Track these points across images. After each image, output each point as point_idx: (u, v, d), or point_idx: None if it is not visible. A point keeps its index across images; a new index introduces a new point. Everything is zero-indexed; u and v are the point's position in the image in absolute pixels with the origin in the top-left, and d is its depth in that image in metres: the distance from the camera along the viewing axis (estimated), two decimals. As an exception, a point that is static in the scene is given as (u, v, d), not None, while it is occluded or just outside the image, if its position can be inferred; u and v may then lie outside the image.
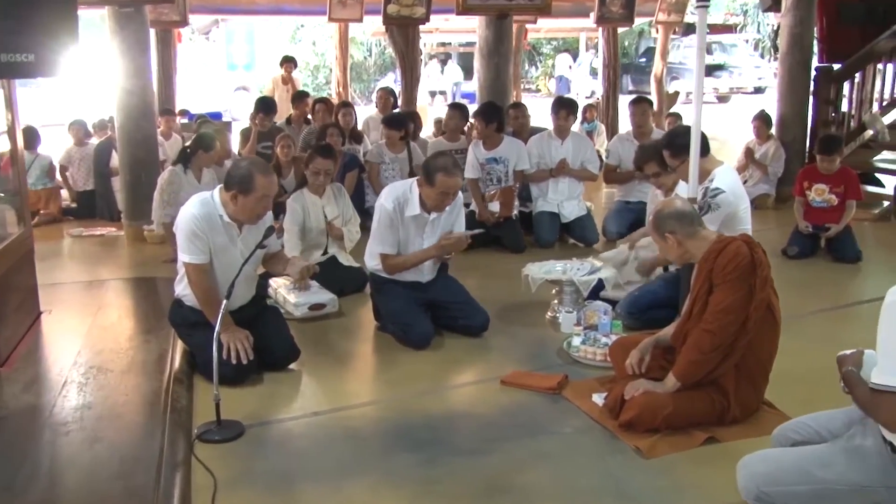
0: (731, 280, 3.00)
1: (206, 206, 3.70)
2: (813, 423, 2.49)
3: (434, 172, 4.15)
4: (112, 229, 7.35)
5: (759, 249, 3.11)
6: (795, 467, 2.30)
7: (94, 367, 3.80)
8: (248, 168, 3.65)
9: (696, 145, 3.99)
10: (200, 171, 6.24)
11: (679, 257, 3.31)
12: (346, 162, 6.90)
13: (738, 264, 3.01)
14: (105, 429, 3.16)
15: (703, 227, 3.31)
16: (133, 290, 5.57)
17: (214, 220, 3.69)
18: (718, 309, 3.01)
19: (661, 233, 3.25)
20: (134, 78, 6.63)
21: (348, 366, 4.15)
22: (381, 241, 4.32)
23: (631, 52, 26.72)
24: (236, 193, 3.61)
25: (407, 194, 4.30)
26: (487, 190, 6.53)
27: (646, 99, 7.06)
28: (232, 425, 3.24)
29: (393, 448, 3.13)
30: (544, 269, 4.69)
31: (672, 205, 3.32)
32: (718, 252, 3.07)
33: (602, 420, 3.27)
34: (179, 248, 3.71)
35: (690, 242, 3.21)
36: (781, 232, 6.50)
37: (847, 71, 8.54)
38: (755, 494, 2.33)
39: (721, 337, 3.01)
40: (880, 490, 2.18)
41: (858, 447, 2.25)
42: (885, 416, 2.12)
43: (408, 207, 4.27)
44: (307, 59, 24.24)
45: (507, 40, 8.48)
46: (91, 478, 2.80)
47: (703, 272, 3.11)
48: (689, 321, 3.17)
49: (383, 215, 4.28)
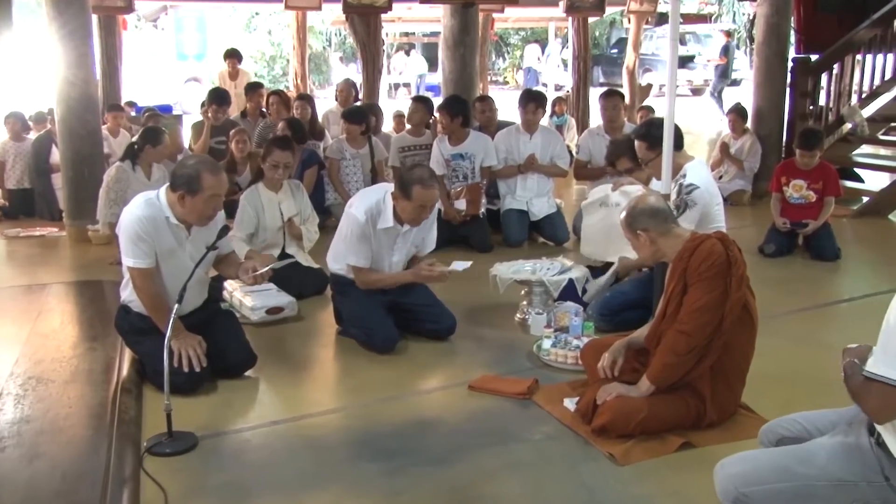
0: (706, 279, 3.04)
1: (150, 206, 3.63)
2: (802, 421, 2.52)
3: (410, 185, 4.09)
4: (53, 229, 7.24)
5: (734, 247, 3.15)
6: (774, 465, 2.33)
7: (33, 378, 3.73)
8: (196, 167, 3.59)
9: (668, 140, 4.05)
10: (150, 167, 6.18)
11: (651, 256, 3.34)
12: (304, 158, 6.87)
13: (713, 263, 3.05)
14: (46, 444, 3.10)
15: (676, 224, 3.34)
16: (77, 294, 5.49)
17: (160, 222, 3.63)
18: (693, 309, 3.05)
19: (634, 230, 3.28)
20: (75, 67, 6.52)
21: (308, 372, 4.13)
22: (355, 253, 4.27)
23: (602, 42, 26.97)
24: (184, 194, 3.56)
25: (380, 205, 4.24)
26: (453, 187, 6.54)
27: (617, 92, 7.11)
28: (184, 437, 3.20)
29: (356, 458, 3.12)
30: (513, 270, 4.71)
31: (646, 201, 3.34)
32: (692, 250, 3.10)
33: (574, 426, 3.30)
34: (123, 251, 3.65)
35: (663, 241, 3.24)
36: (758, 229, 6.61)
37: (825, 62, 8.68)
38: (734, 496, 2.35)
39: (696, 338, 3.04)
40: (861, 485, 2.22)
41: (841, 443, 2.29)
42: (872, 405, 2.15)
43: (380, 220, 4.23)
44: (263, 50, 24.11)
45: (473, 30, 8.51)
46: (30, 496, 2.74)
47: (676, 271, 3.15)
48: (662, 322, 3.20)
49: (355, 227, 4.23)
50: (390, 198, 4.24)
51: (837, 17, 9.17)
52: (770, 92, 8.54)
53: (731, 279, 3.06)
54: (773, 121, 8.56)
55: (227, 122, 7.89)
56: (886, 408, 2.13)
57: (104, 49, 10.50)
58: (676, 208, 4.17)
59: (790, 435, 2.51)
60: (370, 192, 4.47)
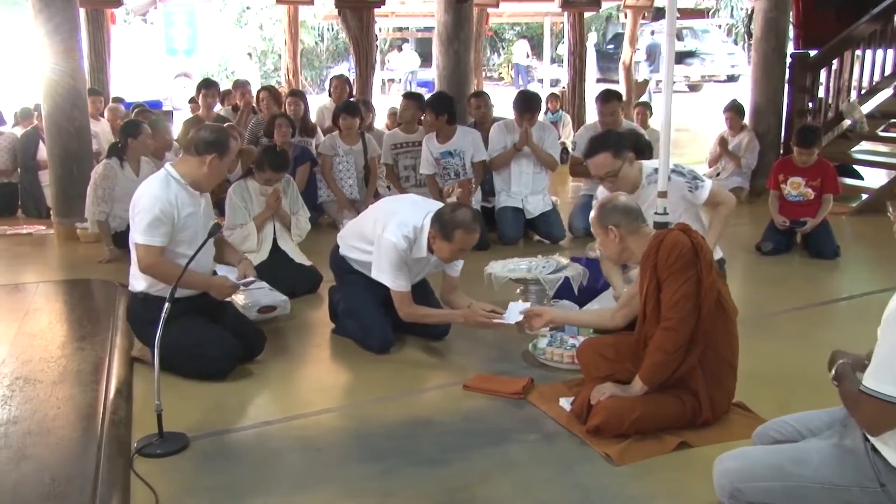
0: (678, 270, 3.09)
1: (166, 182, 3.78)
2: (794, 423, 2.55)
3: (452, 228, 3.92)
4: (41, 227, 7.22)
5: (696, 235, 3.22)
6: (768, 463, 2.36)
7: (20, 378, 3.73)
8: (221, 131, 3.89)
9: (666, 133, 4.07)
10: (138, 163, 6.17)
11: (619, 254, 3.42)
12: (296, 155, 6.87)
13: (680, 253, 3.10)
14: (34, 445, 3.10)
15: (645, 224, 3.42)
16: (65, 293, 5.48)
17: (178, 190, 3.79)
18: (673, 302, 3.08)
19: (605, 225, 3.36)
20: (63, 62, 6.51)
21: (301, 372, 4.13)
22: (394, 277, 4.06)
23: (598, 38, 26.98)
24: (214, 157, 3.78)
25: (417, 233, 4.06)
26: (445, 185, 6.53)
27: (615, 94, 6.93)
28: (175, 438, 3.20)
29: (349, 459, 3.13)
30: (508, 268, 4.72)
31: (618, 199, 3.46)
32: (657, 246, 3.16)
33: (570, 426, 3.31)
34: (138, 230, 3.72)
35: (632, 239, 3.33)
36: (755, 227, 6.62)
37: (824, 58, 8.70)
38: (729, 491, 2.39)
39: (683, 332, 3.07)
40: (854, 490, 2.24)
41: (836, 446, 2.32)
42: (864, 418, 2.18)
43: (415, 248, 4.08)
44: (254, 45, 24.06)
45: (467, 25, 8.52)
46: (18, 499, 2.74)
47: (647, 269, 3.20)
48: (644, 324, 3.24)
49: (395, 254, 4.02)
50: (428, 224, 4.04)
51: (836, 13, 9.17)
52: (768, 88, 8.55)
53: (701, 265, 3.10)
54: (771, 117, 8.57)
55: (219, 118, 7.88)
56: (880, 422, 2.17)
57: (92, 44, 10.49)
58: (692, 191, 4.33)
59: (782, 437, 2.54)
60: (405, 219, 4.11)
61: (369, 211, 4.50)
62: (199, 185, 3.86)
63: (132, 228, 3.80)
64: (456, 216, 3.95)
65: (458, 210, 4.02)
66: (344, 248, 4.40)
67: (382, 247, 4.05)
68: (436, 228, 3.98)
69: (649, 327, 3.19)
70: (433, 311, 4.24)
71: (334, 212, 7.13)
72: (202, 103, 7.86)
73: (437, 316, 4.23)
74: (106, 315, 4.69)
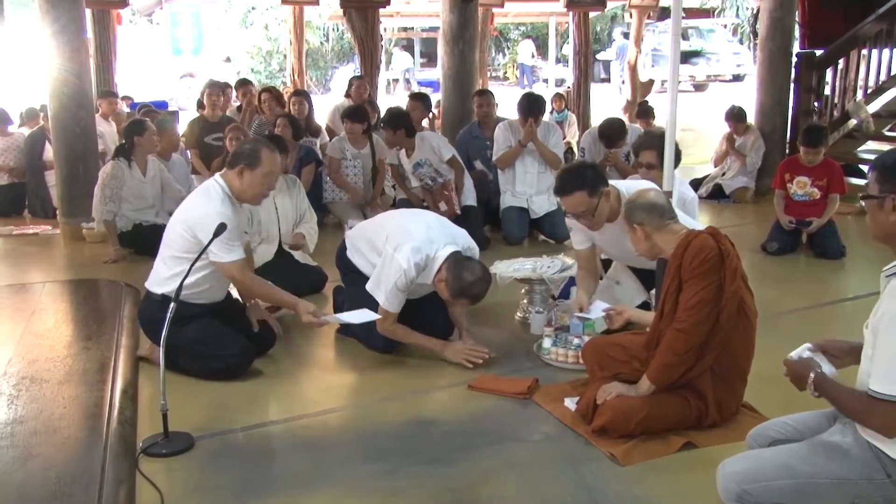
0: (700, 274, 3.06)
1: (222, 198, 3.79)
2: (792, 423, 2.55)
3: (459, 292, 3.89)
4: (47, 227, 7.24)
5: (725, 241, 3.18)
6: (776, 462, 2.36)
7: (26, 378, 3.74)
8: (255, 144, 3.92)
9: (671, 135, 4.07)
10: (145, 163, 6.20)
11: (649, 250, 3.37)
12: (301, 156, 6.87)
13: (706, 257, 3.07)
14: (40, 444, 3.11)
15: (674, 220, 3.35)
16: (71, 293, 5.49)
17: (235, 207, 3.86)
18: (689, 306, 3.06)
19: (631, 223, 3.34)
20: (69, 63, 6.53)
21: (306, 371, 4.13)
22: (391, 297, 4.00)
23: (603, 38, 26.96)
24: (243, 168, 3.80)
25: (429, 263, 3.98)
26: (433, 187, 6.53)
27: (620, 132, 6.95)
28: (180, 437, 3.21)
29: (354, 458, 3.13)
30: (513, 268, 4.71)
31: (645, 196, 3.38)
32: (685, 247, 3.13)
33: (575, 426, 3.30)
34: (219, 249, 3.69)
35: (658, 235, 3.29)
36: (761, 227, 6.61)
37: (830, 57, 8.68)
38: (736, 494, 2.37)
39: (694, 336, 3.05)
40: (862, 483, 2.25)
41: (838, 443, 2.32)
42: (881, 423, 2.18)
43: (422, 276, 4.00)
44: (259, 45, 24.11)
45: (472, 25, 8.52)
46: (24, 498, 2.75)
47: (672, 269, 3.17)
48: (661, 322, 3.22)
49: (401, 278, 3.92)
50: (442, 258, 3.94)
51: (843, 12, 9.15)
52: (774, 88, 8.54)
53: (725, 272, 3.08)
54: (776, 117, 8.56)
55: (224, 118, 7.90)
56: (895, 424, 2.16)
57: (98, 44, 10.52)
58: None
59: (781, 437, 2.54)
60: (423, 241, 3.99)
61: (384, 221, 4.42)
62: (240, 197, 3.88)
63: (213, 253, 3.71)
64: (472, 286, 3.87)
65: (477, 282, 3.88)
66: (351, 249, 4.40)
67: (390, 267, 3.96)
68: (446, 277, 3.90)
69: (664, 325, 3.17)
70: (414, 334, 4.14)
71: (340, 212, 7.13)
72: (207, 103, 7.87)
73: (416, 338, 4.13)
74: (112, 315, 4.70)
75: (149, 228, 6.13)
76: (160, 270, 3.87)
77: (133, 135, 6.12)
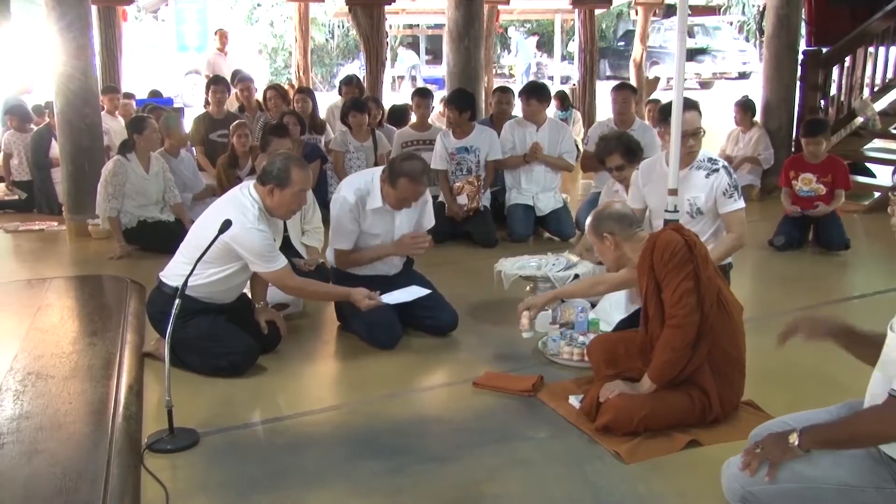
0: (674, 268, 3.09)
1: (258, 214, 3.78)
2: (792, 422, 2.52)
3: (398, 176, 4.12)
4: (53, 223, 7.26)
5: (688, 232, 3.23)
6: (781, 465, 2.34)
7: (32, 374, 3.75)
8: (285, 162, 3.84)
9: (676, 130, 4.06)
10: (147, 160, 6.20)
11: (615, 260, 3.45)
12: (306, 153, 6.87)
13: (674, 251, 3.10)
14: (45, 440, 3.12)
15: (641, 229, 3.43)
16: (77, 289, 5.51)
17: (269, 220, 3.89)
18: (675, 300, 3.08)
19: (600, 234, 3.39)
20: (74, 59, 6.54)
21: (310, 368, 4.14)
22: (339, 235, 4.31)
23: (609, 35, 26.91)
24: (273, 187, 3.79)
25: (369, 186, 4.26)
26: (455, 181, 6.53)
27: (628, 85, 7.08)
28: (185, 434, 3.22)
29: (358, 456, 3.13)
30: (518, 265, 4.71)
31: (612, 206, 3.47)
32: (651, 248, 3.17)
33: (579, 424, 3.30)
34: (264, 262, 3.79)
35: (628, 245, 3.36)
36: (767, 224, 6.60)
37: (836, 54, 8.65)
38: (741, 495, 2.37)
39: (690, 328, 3.06)
40: (869, 490, 2.22)
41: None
42: None
43: (369, 200, 4.24)
44: (265, 42, 24.11)
45: (477, 22, 8.50)
46: (29, 494, 2.76)
47: (644, 271, 3.20)
48: (648, 324, 3.24)
49: (343, 207, 4.24)
50: (379, 179, 4.24)
51: (850, 9, 9.11)
52: (780, 85, 8.51)
53: (697, 259, 3.10)
54: (782, 115, 8.52)
55: (229, 115, 7.91)
56: None
57: (104, 41, 10.52)
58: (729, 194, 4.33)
59: None
60: (360, 174, 4.49)
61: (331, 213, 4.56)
62: (271, 213, 3.90)
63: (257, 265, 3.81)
64: (404, 166, 4.14)
65: (409, 161, 4.21)
66: (331, 259, 4.50)
67: (336, 205, 4.26)
68: (385, 174, 4.17)
69: (654, 328, 3.19)
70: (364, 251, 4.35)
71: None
72: (212, 100, 7.88)
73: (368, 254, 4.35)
74: (117, 311, 4.71)
75: (153, 225, 6.15)
76: (179, 268, 3.81)
77: (133, 132, 6.14)
